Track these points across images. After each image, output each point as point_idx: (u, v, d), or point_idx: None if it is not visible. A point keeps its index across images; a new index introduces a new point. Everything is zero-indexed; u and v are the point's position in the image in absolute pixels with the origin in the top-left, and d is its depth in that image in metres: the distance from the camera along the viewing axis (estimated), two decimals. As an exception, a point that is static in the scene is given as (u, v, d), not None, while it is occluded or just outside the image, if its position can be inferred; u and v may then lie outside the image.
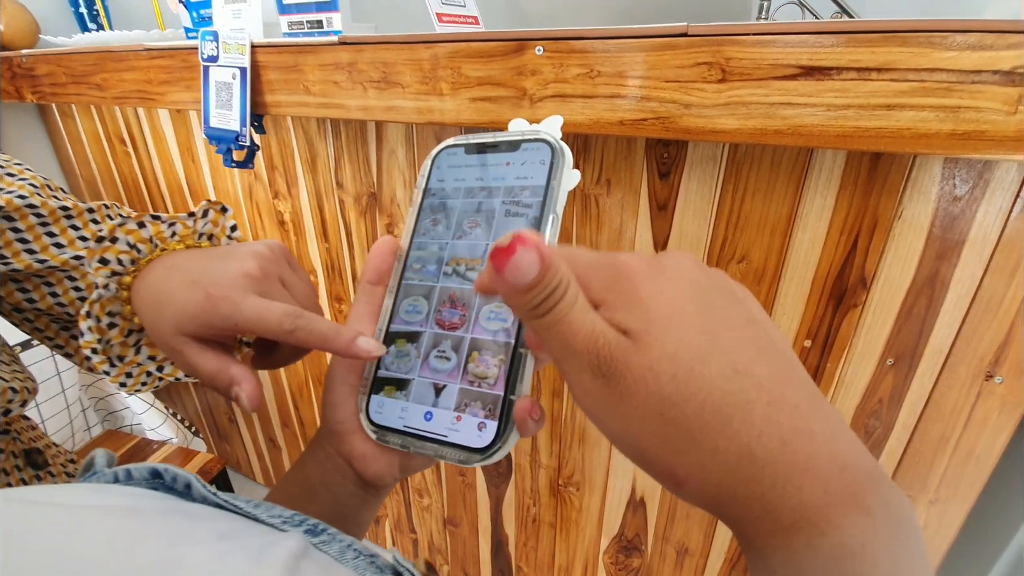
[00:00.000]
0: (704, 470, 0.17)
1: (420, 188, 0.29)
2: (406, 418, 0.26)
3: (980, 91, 0.31)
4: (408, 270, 0.28)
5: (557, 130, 0.27)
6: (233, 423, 1.23)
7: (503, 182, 0.27)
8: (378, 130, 0.65)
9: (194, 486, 0.23)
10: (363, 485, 0.28)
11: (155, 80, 0.68)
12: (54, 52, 0.80)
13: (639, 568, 0.73)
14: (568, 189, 0.26)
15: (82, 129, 1.01)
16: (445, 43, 0.45)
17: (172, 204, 0.96)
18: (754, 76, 0.36)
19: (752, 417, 0.16)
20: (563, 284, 0.18)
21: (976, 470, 0.48)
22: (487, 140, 0.28)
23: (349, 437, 0.27)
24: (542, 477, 0.75)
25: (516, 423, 0.23)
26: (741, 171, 0.47)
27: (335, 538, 0.23)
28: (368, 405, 0.27)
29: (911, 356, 0.47)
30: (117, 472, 0.24)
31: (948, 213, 0.42)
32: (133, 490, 0.23)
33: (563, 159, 0.26)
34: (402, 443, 0.26)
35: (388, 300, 0.28)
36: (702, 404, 0.16)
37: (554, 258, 0.18)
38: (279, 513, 0.23)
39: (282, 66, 0.56)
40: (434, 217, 0.28)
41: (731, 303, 0.19)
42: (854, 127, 0.34)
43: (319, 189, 0.75)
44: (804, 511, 0.16)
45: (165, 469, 0.24)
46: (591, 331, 0.18)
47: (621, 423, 0.18)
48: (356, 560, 0.23)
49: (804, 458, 0.16)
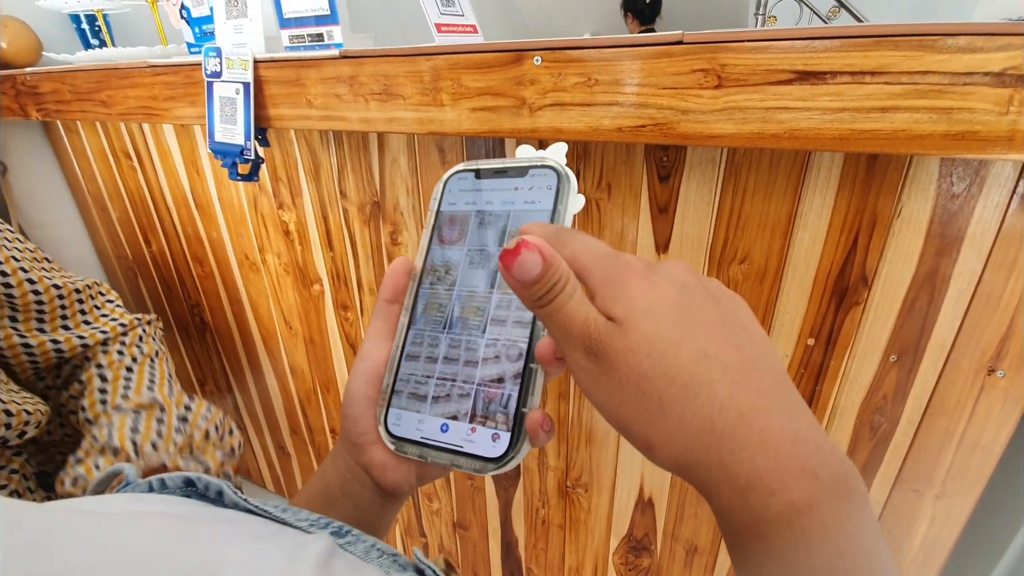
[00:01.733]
0: (671, 437, 0.19)
1: (433, 211, 0.30)
2: (423, 430, 0.27)
3: (972, 92, 0.32)
4: (422, 289, 0.29)
5: (562, 156, 0.28)
6: (243, 431, 1.24)
7: (512, 206, 0.28)
8: (380, 140, 0.66)
9: (226, 493, 0.25)
10: (381, 493, 0.30)
11: (160, 96, 0.69)
12: (58, 70, 0.81)
13: (649, 568, 0.74)
14: (574, 212, 0.27)
15: (87, 145, 1.02)
16: (445, 55, 0.46)
17: (178, 217, 0.98)
18: (749, 82, 0.36)
19: (715, 393, 0.19)
20: (562, 279, 0.21)
21: (981, 463, 0.49)
22: (496, 166, 0.29)
23: (368, 448, 0.29)
24: (550, 479, 0.76)
25: (528, 434, 0.25)
26: (740, 173, 0.48)
27: (359, 539, 0.25)
28: (386, 417, 0.28)
29: (914, 352, 0.48)
30: (152, 482, 0.26)
31: (946, 210, 0.42)
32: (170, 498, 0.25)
33: (569, 184, 0.27)
34: (419, 453, 0.27)
35: (404, 317, 0.29)
36: (672, 380, 0.19)
37: (554, 258, 0.21)
38: (306, 517, 0.25)
39: (284, 80, 0.57)
40: (446, 238, 0.29)
41: (711, 303, 0.21)
42: (850, 130, 0.35)
43: (323, 199, 0.76)
44: (756, 474, 0.18)
45: (198, 478, 0.25)
46: (584, 318, 0.21)
47: (607, 395, 0.21)
48: (380, 559, 0.24)
49: (759, 430, 0.18)
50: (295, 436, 1.11)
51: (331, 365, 0.93)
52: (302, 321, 0.91)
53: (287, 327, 0.95)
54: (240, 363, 1.10)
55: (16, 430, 0.49)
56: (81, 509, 0.20)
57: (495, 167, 0.29)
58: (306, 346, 0.94)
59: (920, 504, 0.53)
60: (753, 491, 0.18)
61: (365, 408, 0.29)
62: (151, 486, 0.26)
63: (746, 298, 0.52)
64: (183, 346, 1.21)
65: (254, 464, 1.28)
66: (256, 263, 0.91)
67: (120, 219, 1.09)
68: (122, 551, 0.17)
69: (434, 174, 0.64)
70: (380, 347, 0.29)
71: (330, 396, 0.97)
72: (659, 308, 0.20)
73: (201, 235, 0.97)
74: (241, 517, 0.23)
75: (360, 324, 0.84)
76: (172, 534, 0.19)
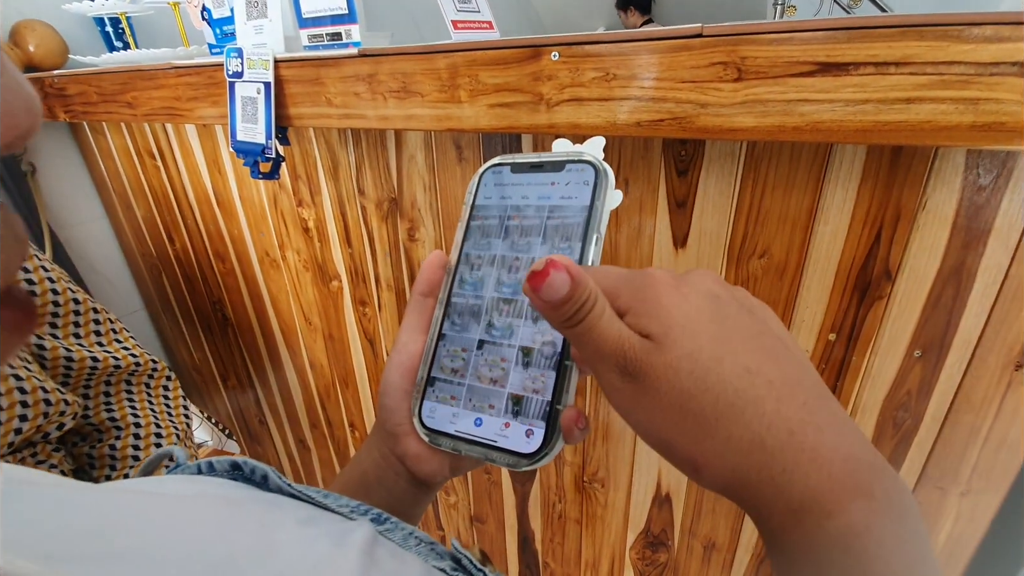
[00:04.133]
0: (720, 456, 0.19)
1: (468, 204, 0.30)
2: (457, 423, 0.27)
3: (999, 83, 0.31)
4: (457, 283, 0.29)
5: (600, 151, 0.28)
6: (263, 425, 1.26)
7: (548, 201, 0.28)
8: (397, 137, 0.67)
9: (271, 477, 0.25)
10: (415, 483, 0.30)
11: (183, 97, 0.70)
12: (84, 72, 0.83)
13: (666, 563, 0.74)
14: (611, 208, 0.27)
15: (113, 145, 1.05)
16: (462, 52, 0.46)
17: (200, 215, 1.00)
18: (770, 74, 0.36)
19: (763, 410, 0.18)
20: (591, 298, 0.21)
21: (1008, 460, 0.48)
22: (533, 160, 0.29)
23: (404, 439, 0.29)
24: (567, 474, 0.76)
25: (563, 431, 0.25)
26: (760, 166, 0.47)
27: (398, 526, 0.25)
28: (421, 410, 0.28)
29: (939, 347, 0.47)
30: (200, 465, 0.27)
31: (973, 203, 0.41)
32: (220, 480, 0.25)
33: (606, 180, 0.27)
34: (453, 446, 0.27)
35: (438, 311, 0.29)
36: (717, 397, 0.18)
37: (582, 275, 0.20)
38: (346, 503, 0.25)
39: (304, 80, 0.58)
40: (481, 232, 0.29)
41: (745, 314, 0.21)
42: (873, 122, 0.34)
43: (341, 196, 0.77)
44: (811, 494, 0.17)
45: (244, 462, 0.26)
46: (618, 336, 0.20)
47: (646, 415, 0.20)
48: (418, 547, 0.25)
49: (810, 447, 0.18)
50: (315, 430, 1.13)
51: (350, 360, 0.94)
52: (321, 317, 0.93)
53: (306, 323, 0.96)
54: (261, 358, 1.12)
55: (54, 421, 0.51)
56: (140, 490, 0.21)
57: (531, 161, 0.29)
58: (325, 341, 0.95)
59: (945, 501, 0.52)
60: (808, 512, 0.17)
61: (400, 399, 0.29)
62: (199, 468, 0.26)
63: (765, 293, 0.52)
64: (205, 341, 1.23)
65: (275, 458, 1.31)
66: (276, 260, 0.93)
67: (145, 217, 1.12)
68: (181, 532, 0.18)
69: (451, 171, 0.65)
70: (415, 339, 0.30)
71: (348, 391, 0.98)
72: (695, 322, 0.19)
73: (223, 233, 0.98)
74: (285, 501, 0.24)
75: (378, 320, 0.85)
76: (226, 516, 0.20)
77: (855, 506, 0.17)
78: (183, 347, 1.32)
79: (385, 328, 0.85)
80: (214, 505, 0.21)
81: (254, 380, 1.18)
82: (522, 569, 0.94)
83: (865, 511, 0.17)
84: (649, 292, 0.20)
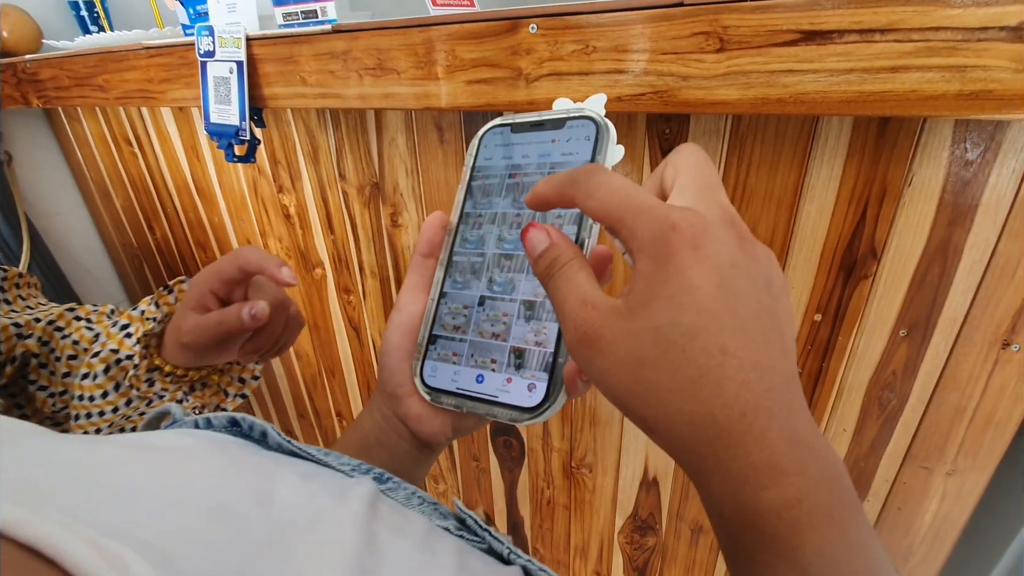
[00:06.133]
0: (669, 423, 0.19)
1: (468, 166, 0.30)
2: (458, 380, 0.27)
3: (987, 48, 0.30)
4: (458, 243, 0.29)
5: (601, 107, 0.28)
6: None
7: (549, 158, 0.28)
8: (377, 119, 0.65)
9: (270, 434, 0.25)
10: (418, 445, 0.30)
11: (155, 79, 0.68)
12: (56, 56, 0.81)
13: (654, 546, 0.74)
14: (613, 163, 0.26)
15: (89, 132, 1.02)
16: (438, 25, 0.45)
17: (180, 203, 0.97)
18: (753, 44, 0.35)
19: (722, 391, 0.18)
20: (562, 257, 0.22)
21: (995, 440, 0.47)
22: (532, 119, 0.29)
23: (405, 400, 0.29)
24: (555, 460, 0.76)
25: (565, 384, 0.24)
26: (745, 144, 0.46)
27: (400, 486, 0.25)
28: (422, 369, 0.28)
29: (925, 326, 0.46)
30: (198, 420, 0.26)
31: (960, 178, 0.41)
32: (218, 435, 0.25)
33: (608, 135, 0.26)
34: (455, 404, 0.27)
35: (439, 272, 0.29)
36: (675, 371, 0.18)
37: (557, 239, 0.22)
38: (347, 461, 0.25)
39: (278, 58, 0.56)
40: (483, 192, 0.29)
41: (756, 290, 0.20)
42: (858, 92, 0.33)
43: (322, 181, 0.75)
44: (750, 469, 0.18)
45: (243, 418, 0.26)
46: (581, 300, 0.21)
47: (600, 373, 0.20)
48: (421, 506, 0.24)
49: (759, 430, 0.18)
50: (302, 420, 1.12)
51: (335, 349, 0.93)
52: (305, 306, 0.91)
53: (291, 312, 0.95)
54: (246, 349, 1.10)
55: None
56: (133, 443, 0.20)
57: (531, 120, 0.29)
58: (310, 331, 0.94)
59: (930, 481, 0.52)
60: (745, 485, 0.18)
61: (401, 360, 0.29)
62: (197, 424, 0.26)
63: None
64: (190, 333, 1.22)
65: (264, 449, 1.30)
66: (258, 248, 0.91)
67: (124, 206, 1.09)
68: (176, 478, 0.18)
69: (433, 153, 0.63)
70: (416, 300, 0.29)
71: (335, 380, 0.97)
72: (689, 292, 0.18)
73: (203, 220, 0.96)
74: (284, 458, 0.23)
75: (363, 308, 0.84)
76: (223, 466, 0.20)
77: (788, 481, 0.17)
78: (168, 339, 1.30)
79: (370, 316, 0.83)
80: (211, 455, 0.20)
81: (240, 371, 1.17)
82: (512, 556, 0.94)
83: (797, 485, 0.17)
84: (664, 248, 0.19)
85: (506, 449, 0.80)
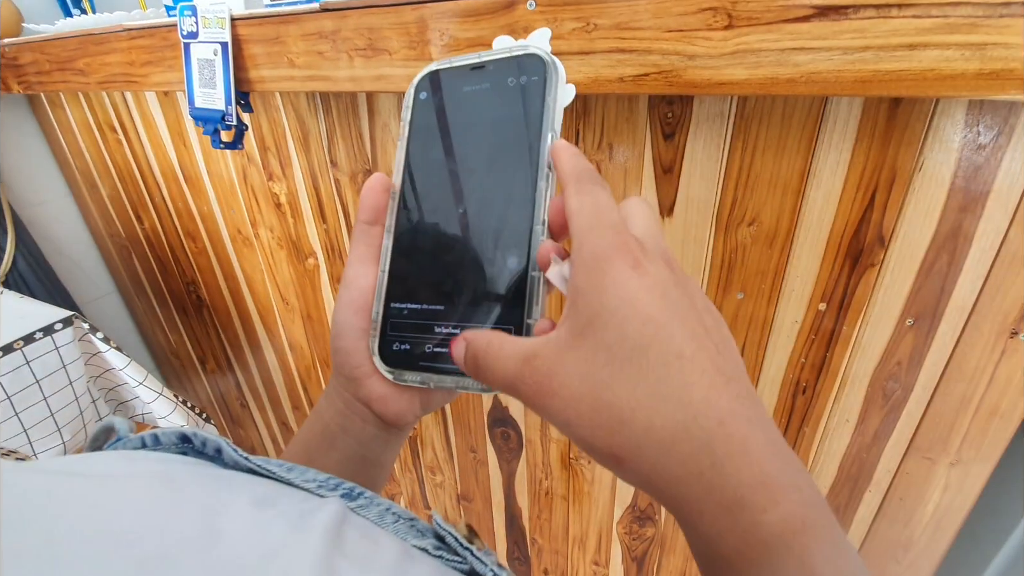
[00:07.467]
0: (638, 448, 0.17)
1: (405, 120, 0.27)
2: (421, 355, 0.25)
3: (1008, 25, 0.28)
4: (405, 206, 0.26)
5: (546, 43, 0.25)
6: (245, 408, 1.24)
7: (492, 104, 0.25)
8: (369, 103, 0.63)
9: (225, 451, 0.23)
10: (384, 427, 0.28)
11: (137, 61, 0.66)
12: (36, 39, 0.78)
13: (653, 537, 0.73)
14: (564, 105, 0.24)
15: (72, 119, 0.99)
16: (432, 3, 0.43)
17: (168, 192, 0.95)
18: (763, 20, 0.33)
19: (690, 398, 0.17)
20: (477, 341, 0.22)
21: (1000, 430, 0.47)
22: (472, 61, 0.25)
23: (366, 381, 0.27)
24: (553, 451, 0.75)
25: None
26: (750, 128, 0.45)
27: (372, 501, 0.23)
28: (380, 347, 0.26)
29: (932, 315, 0.45)
30: (144, 437, 0.24)
31: (972, 163, 0.39)
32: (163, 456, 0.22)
33: (556, 74, 0.24)
34: (421, 380, 0.25)
35: (387, 239, 0.26)
36: (635, 386, 0.17)
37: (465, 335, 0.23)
38: (313, 477, 0.23)
39: (264, 39, 0.54)
40: (424, 148, 0.26)
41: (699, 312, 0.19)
42: (873, 71, 0.32)
43: (313, 169, 0.73)
44: (744, 490, 0.16)
45: (194, 434, 0.23)
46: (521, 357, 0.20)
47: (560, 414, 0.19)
48: (396, 524, 0.22)
49: (740, 440, 0.16)
50: (297, 412, 1.10)
51: (329, 340, 0.91)
52: (298, 296, 0.90)
53: (283, 302, 0.93)
54: (239, 340, 1.09)
55: None
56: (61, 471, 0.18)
57: (470, 63, 0.25)
58: (304, 321, 0.92)
59: (934, 471, 0.51)
60: (744, 508, 0.16)
61: (356, 340, 0.27)
62: (143, 442, 0.24)
63: (754, 262, 0.50)
64: (181, 324, 1.20)
65: (258, 439, 1.29)
66: (249, 237, 0.89)
67: (110, 196, 1.07)
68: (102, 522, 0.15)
69: (427, 139, 0.61)
70: (365, 273, 0.27)
71: (330, 371, 0.96)
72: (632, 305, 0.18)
73: (192, 210, 0.94)
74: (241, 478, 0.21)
75: (357, 298, 0.82)
76: (162, 501, 0.18)
77: (786, 498, 0.16)
78: (159, 331, 1.28)
79: (364, 306, 0.82)
80: (149, 487, 0.18)
81: (233, 363, 1.15)
82: (510, 546, 0.93)
83: (797, 503, 0.16)
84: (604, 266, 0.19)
85: (504, 440, 0.80)
